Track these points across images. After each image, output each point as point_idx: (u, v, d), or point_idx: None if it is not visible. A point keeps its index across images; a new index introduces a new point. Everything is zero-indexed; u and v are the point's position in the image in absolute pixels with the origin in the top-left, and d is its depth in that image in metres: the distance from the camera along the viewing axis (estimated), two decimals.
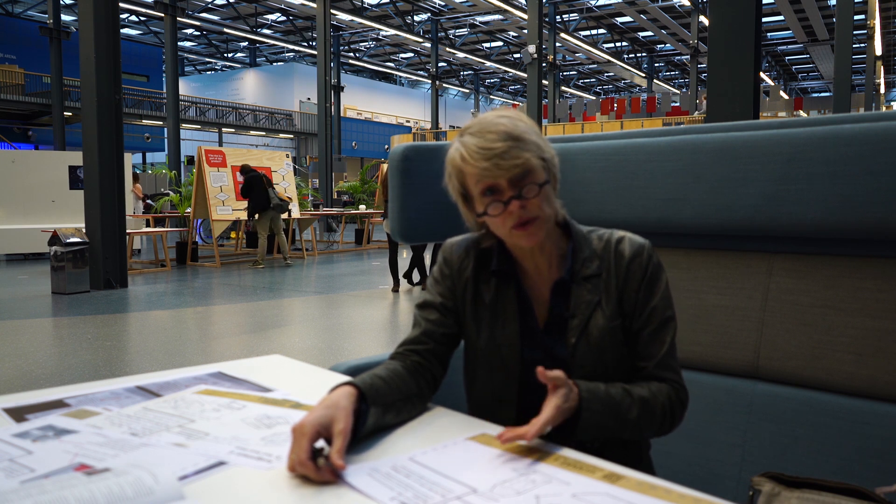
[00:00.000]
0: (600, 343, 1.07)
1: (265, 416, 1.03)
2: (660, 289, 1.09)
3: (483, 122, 1.05)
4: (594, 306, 1.08)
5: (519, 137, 1.03)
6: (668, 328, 1.09)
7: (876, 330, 1.17)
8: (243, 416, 1.02)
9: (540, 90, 16.06)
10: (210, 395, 1.14)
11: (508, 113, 1.07)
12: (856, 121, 1.21)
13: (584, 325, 1.08)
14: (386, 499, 0.77)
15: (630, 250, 1.09)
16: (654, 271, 1.10)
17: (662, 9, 25.90)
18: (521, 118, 1.07)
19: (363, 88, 37.21)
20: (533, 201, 1.03)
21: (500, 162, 1.01)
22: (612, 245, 1.11)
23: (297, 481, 0.82)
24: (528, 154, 1.02)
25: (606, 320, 1.08)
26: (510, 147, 1.02)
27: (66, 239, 7.43)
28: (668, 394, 1.07)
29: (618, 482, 0.79)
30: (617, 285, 1.09)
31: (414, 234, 1.65)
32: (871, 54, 18.94)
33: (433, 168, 1.66)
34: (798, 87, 41.36)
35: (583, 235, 1.13)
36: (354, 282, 8.79)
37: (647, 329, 1.09)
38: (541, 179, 1.04)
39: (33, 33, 20.87)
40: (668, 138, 1.43)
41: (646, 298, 1.08)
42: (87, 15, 7.57)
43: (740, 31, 4.42)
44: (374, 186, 15.38)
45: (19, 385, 3.99)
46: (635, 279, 1.08)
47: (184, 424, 0.98)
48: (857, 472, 1.15)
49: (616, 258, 1.10)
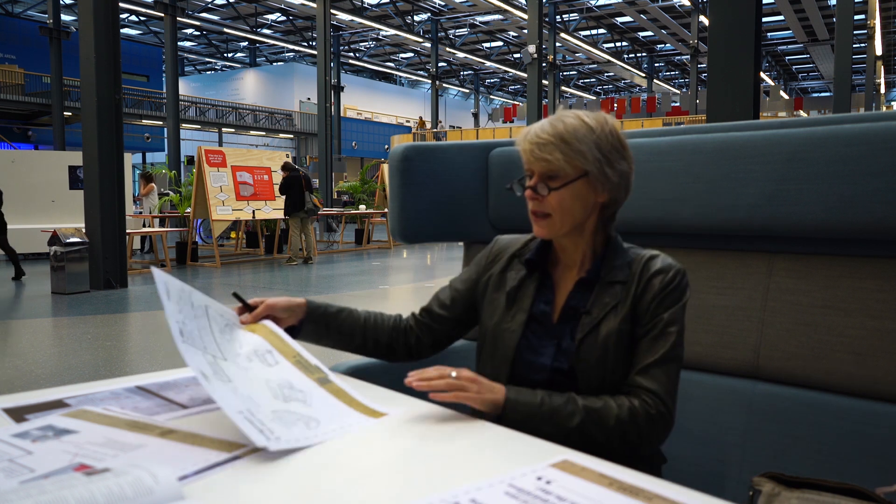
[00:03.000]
0: (605, 343, 1.10)
1: (288, 386, 1.01)
2: (674, 306, 1.10)
3: (560, 114, 1.12)
4: (610, 309, 1.11)
5: (566, 141, 1.08)
6: (666, 341, 1.08)
7: (876, 330, 1.17)
8: (268, 377, 1.01)
9: (540, 90, 16.06)
10: (255, 330, 1.16)
11: (586, 118, 1.11)
12: (856, 121, 1.21)
13: (596, 323, 1.11)
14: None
15: (657, 266, 1.12)
16: (676, 289, 1.11)
17: (662, 9, 25.89)
18: (595, 127, 1.09)
19: (363, 88, 37.21)
20: (548, 199, 1.10)
21: (536, 151, 1.09)
22: (643, 259, 1.14)
23: (297, 481, 0.81)
24: (561, 156, 1.08)
25: (617, 323, 1.10)
26: (549, 143, 1.08)
27: (65, 239, 7.43)
28: (631, 408, 1.05)
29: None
30: (635, 294, 1.11)
31: (414, 233, 1.65)
32: (871, 54, 18.95)
33: (433, 168, 1.66)
34: (798, 87, 41.36)
35: (621, 247, 1.17)
36: (354, 282, 8.79)
37: (647, 337, 1.10)
38: (558, 184, 1.09)
39: (33, 33, 20.88)
40: (668, 138, 1.43)
41: (656, 310, 1.10)
42: (86, 15, 7.57)
43: (740, 31, 4.42)
44: (374, 186, 15.39)
45: (19, 385, 3.99)
46: (652, 290, 1.10)
47: (216, 358, 0.98)
48: (857, 472, 1.15)
49: (643, 271, 1.13)
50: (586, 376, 1.10)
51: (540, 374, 1.14)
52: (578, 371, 1.11)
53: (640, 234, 1.42)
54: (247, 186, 10.66)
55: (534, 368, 1.15)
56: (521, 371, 1.16)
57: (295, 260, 10.39)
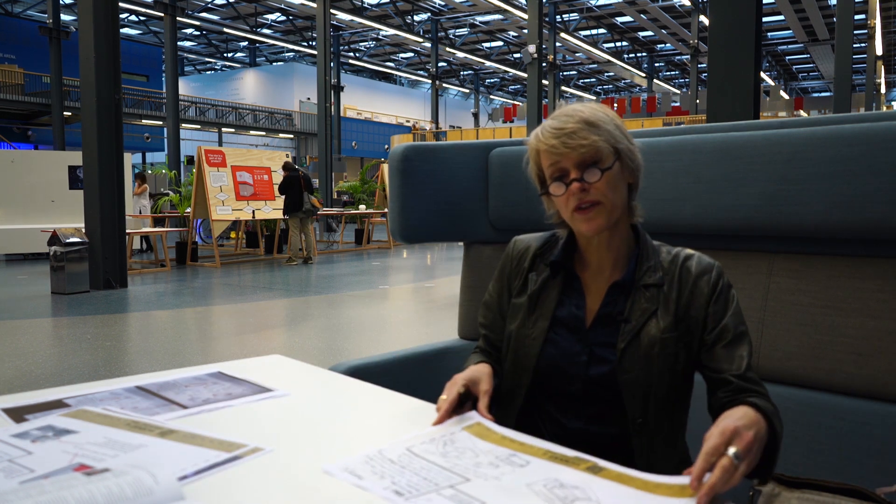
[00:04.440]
0: (649, 352, 1.05)
1: (557, 484, 0.80)
2: (731, 304, 1.07)
3: (564, 109, 1.08)
4: (650, 315, 1.07)
5: (592, 123, 1.04)
6: (743, 342, 1.04)
7: (876, 330, 1.17)
8: (529, 480, 0.81)
9: (540, 90, 16.06)
10: (481, 435, 0.95)
11: (594, 105, 1.09)
12: (856, 121, 1.21)
13: (637, 331, 1.06)
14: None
15: (697, 267, 1.08)
16: (724, 287, 1.07)
17: (663, 8, 25.89)
18: (604, 110, 1.08)
19: (363, 88, 37.21)
20: (596, 185, 1.04)
21: (567, 140, 1.03)
22: (679, 260, 1.10)
23: (297, 481, 0.81)
24: (597, 138, 1.03)
25: (659, 331, 1.05)
26: (580, 129, 1.03)
27: (65, 239, 7.43)
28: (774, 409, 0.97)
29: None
30: (678, 299, 1.07)
31: (414, 233, 1.65)
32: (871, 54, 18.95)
33: (433, 168, 1.66)
34: (798, 86, 41.36)
35: (652, 245, 1.13)
36: (354, 282, 8.79)
37: (721, 343, 1.04)
38: (606, 165, 1.04)
39: (33, 33, 20.87)
40: (668, 138, 1.43)
41: (718, 314, 1.06)
42: (86, 14, 7.57)
43: (740, 30, 4.42)
44: (373, 186, 15.38)
45: (19, 385, 3.99)
46: (703, 295, 1.06)
47: (456, 485, 0.79)
48: (858, 472, 1.15)
49: (682, 273, 1.08)
50: (630, 388, 1.05)
51: (574, 384, 1.07)
52: (622, 382, 1.05)
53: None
54: (246, 186, 10.66)
55: (566, 378, 1.08)
56: (551, 380, 1.10)
57: (295, 260, 10.40)
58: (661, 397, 1.05)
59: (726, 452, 0.81)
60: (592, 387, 1.07)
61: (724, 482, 0.78)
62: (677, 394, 1.08)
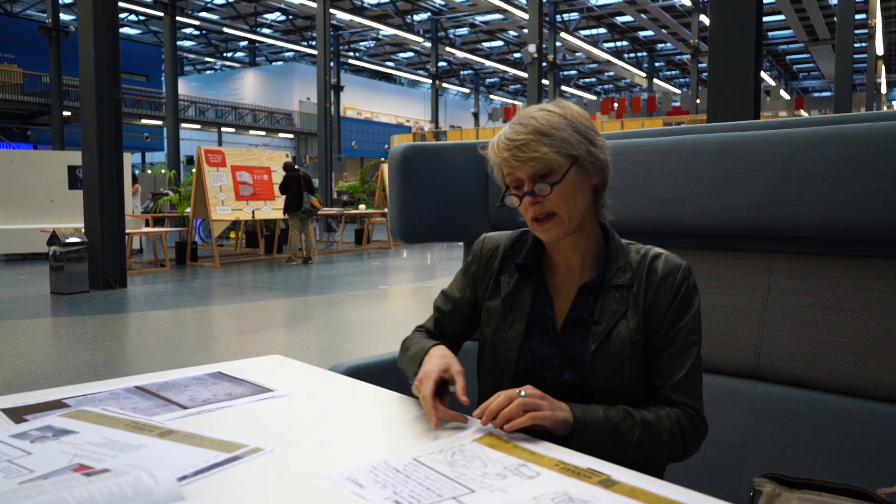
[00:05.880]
0: (620, 354, 1.05)
1: (566, 498, 0.77)
2: (690, 311, 1.07)
3: (521, 115, 1.07)
4: (620, 316, 1.06)
5: (544, 132, 1.02)
6: (691, 352, 1.06)
7: (876, 330, 1.17)
8: (537, 493, 0.78)
9: (540, 90, 16.06)
10: (493, 445, 0.92)
11: (549, 107, 1.07)
12: (856, 120, 1.21)
13: (607, 333, 1.06)
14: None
15: (664, 268, 1.08)
16: (688, 292, 1.07)
17: (663, 8, 25.89)
18: (563, 112, 1.06)
19: (363, 88, 37.22)
20: (549, 198, 1.03)
21: (518, 154, 1.02)
22: (647, 260, 1.09)
23: (297, 482, 0.81)
24: (549, 150, 1.02)
25: (629, 333, 1.05)
26: (530, 140, 1.02)
27: (65, 239, 7.43)
28: (678, 418, 1.04)
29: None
30: (645, 300, 1.07)
31: (414, 233, 1.65)
32: (872, 54, 18.96)
33: (433, 168, 1.66)
34: (799, 86, 41.37)
35: (620, 245, 1.12)
36: (354, 282, 8.79)
37: (669, 349, 1.06)
38: (556, 178, 1.03)
39: (32, 33, 20.86)
40: (668, 138, 1.43)
41: (674, 318, 1.06)
42: (86, 14, 7.56)
43: (741, 30, 4.42)
44: (373, 186, 15.38)
45: (18, 385, 3.99)
46: (666, 298, 1.06)
47: (460, 496, 0.77)
48: (858, 472, 1.15)
49: (649, 273, 1.08)
50: (601, 390, 1.05)
51: (549, 387, 1.05)
52: (594, 385, 1.06)
53: (640, 234, 1.41)
54: (246, 186, 10.65)
55: (542, 382, 1.06)
56: (529, 382, 1.05)
57: (294, 260, 10.40)
58: (634, 402, 1.05)
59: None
60: (566, 390, 1.06)
61: (503, 405, 0.93)
62: (651, 398, 1.08)
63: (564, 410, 0.97)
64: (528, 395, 0.95)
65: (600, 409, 1.00)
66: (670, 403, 1.05)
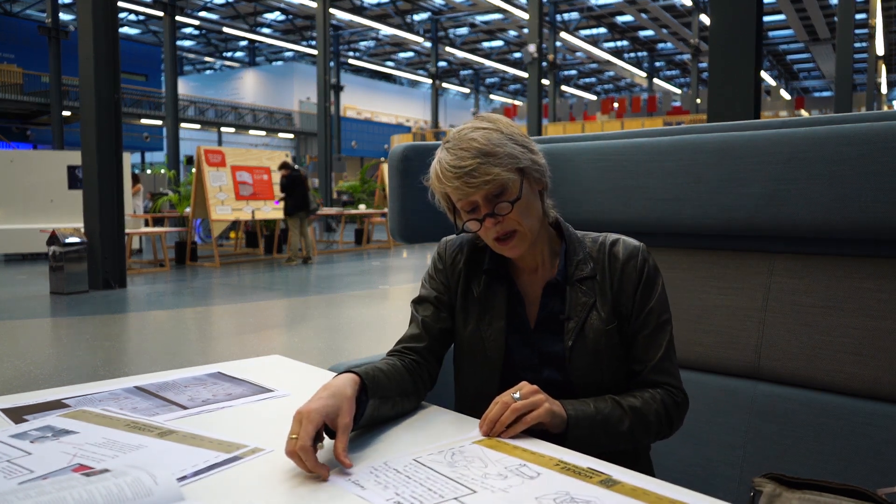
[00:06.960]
0: (596, 345, 1.07)
1: (567, 497, 0.77)
2: (656, 291, 1.09)
3: (457, 137, 1.04)
4: (589, 308, 1.08)
5: (490, 153, 1.02)
6: (664, 331, 1.09)
7: (876, 330, 1.17)
8: (538, 493, 0.78)
9: (540, 90, 16.06)
10: (492, 446, 0.92)
11: (482, 124, 1.06)
12: (856, 120, 1.20)
13: (581, 327, 1.08)
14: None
15: (624, 253, 1.09)
16: (650, 273, 1.10)
17: (663, 7, 25.89)
18: (497, 127, 1.05)
19: (363, 88, 37.22)
20: (509, 217, 1.04)
21: (469, 180, 1.01)
22: (606, 247, 1.11)
23: (297, 482, 0.81)
24: (500, 169, 1.02)
25: (602, 323, 1.08)
26: (479, 164, 1.01)
27: (64, 239, 7.43)
28: (662, 399, 1.07)
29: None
30: (612, 287, 1.09)
31: (414, 233, 1.65)
32: (872, 53, 18.96)
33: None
34: (799, 86, 41.37)
35: (576, 238, 1.13)
36: (354, 282, 8.79)
37: (643, 332, 1.09)
38: (514, 196, 1.03)
39: (32, 32, 20.85)
40: (668, 138, 1.43)
41: (642, 301, 1.08)
42: (86, 14, 7.56)
43: (741, 30, 4.42)
44: (373, 186, 15.38)
45: (18, 385, 3.99)
46: (631, 282, 1.08)
47: (461, 497, 0.77)
48: (859, 472, 1.15)
49: (610, 260, 1.10)
50: (583, 384, 1.07)
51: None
52: (575, 380, 1.07)
53: (641, 234, 1.41)
54: (246, 186, 10.65)
55: (519, 379, 1.05)
56: (515, 381, 1.04)
57: (294, 260, 10.40)
58: (616, 389, 1.08)
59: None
60: (546, 388, 1.05)
61: (500, 414, 0.93)
62: (630, 382, 1.11)
63: (557, 405, 0.99)
64: (523, 396, 0.95)
65: (590, 403, 1.02)
66: (652, 385, 1.08)
